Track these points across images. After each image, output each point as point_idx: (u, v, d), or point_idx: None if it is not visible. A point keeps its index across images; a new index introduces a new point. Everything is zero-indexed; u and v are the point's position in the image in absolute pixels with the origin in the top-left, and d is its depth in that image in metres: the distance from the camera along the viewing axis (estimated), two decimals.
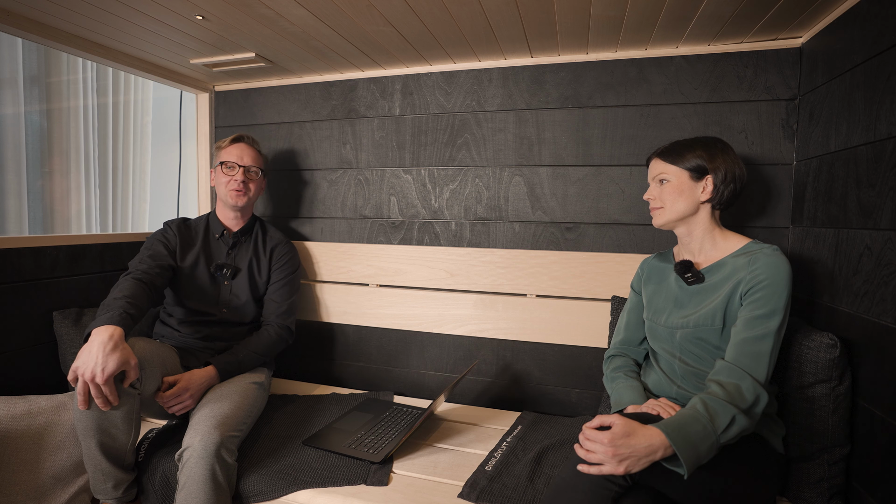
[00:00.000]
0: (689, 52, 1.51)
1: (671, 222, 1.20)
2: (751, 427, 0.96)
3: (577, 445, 0.95)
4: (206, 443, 1.15)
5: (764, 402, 0.98)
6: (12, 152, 2.14)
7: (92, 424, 1.15)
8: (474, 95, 1.73)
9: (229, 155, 1.62)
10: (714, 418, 0.93)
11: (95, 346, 1.09)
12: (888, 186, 1.02)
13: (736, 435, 0.94)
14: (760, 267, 1.06)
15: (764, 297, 1.04)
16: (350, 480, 1.20)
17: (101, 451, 1.18)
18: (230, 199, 1.61)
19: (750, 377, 0.99)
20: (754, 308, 1.04)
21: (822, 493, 1.11)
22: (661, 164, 1.21)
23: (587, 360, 1.65)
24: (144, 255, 1.48)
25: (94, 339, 1.10)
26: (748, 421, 0.95)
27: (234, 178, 1.60)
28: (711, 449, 0.91)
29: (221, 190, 1.62)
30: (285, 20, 1.39)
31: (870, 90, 1.09)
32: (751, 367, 1.01)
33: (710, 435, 0.91)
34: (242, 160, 1.63)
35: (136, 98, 2.56)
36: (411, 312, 1.81)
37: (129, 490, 1.25)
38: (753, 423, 0.96)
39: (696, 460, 0.90)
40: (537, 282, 1.67)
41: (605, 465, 0.89)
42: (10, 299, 1.43)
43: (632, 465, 0.89)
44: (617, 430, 0.90)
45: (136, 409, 1.21)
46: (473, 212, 1.77)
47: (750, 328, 1.04)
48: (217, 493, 1.13)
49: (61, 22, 1.42)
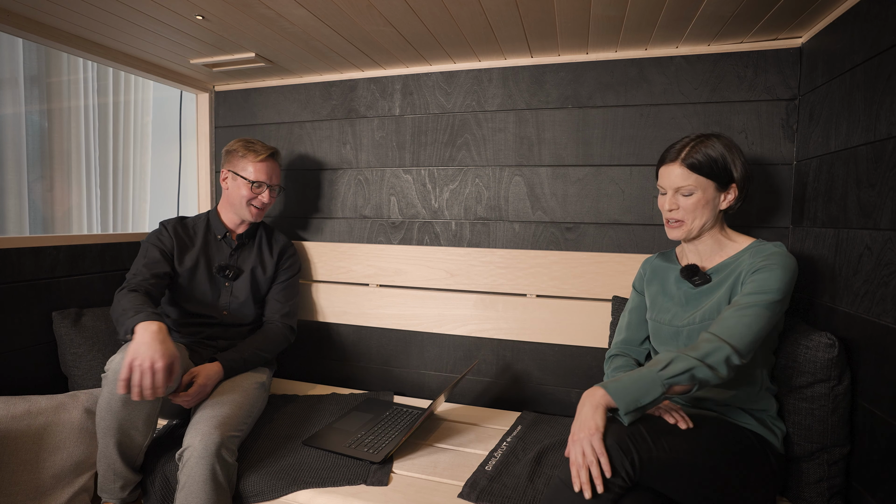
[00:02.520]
0: (689, 52, 1.51)
1: (691, 237, 1.18)
2: (709, 377, 0.95)
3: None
4: (207, 443, 1.15)
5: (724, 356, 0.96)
6: (13, 152, 2.14)
7: (114, 424, 1.17)
8: (474, 95, 1.73)
9: (260, 174, 1.57)
10: (656, 363, 0.97)
11: (148, 335, 1.13)
12: (888, 186, 1.01)
13: (681, 372, 0.94)
14: (763, 256, 1.08)
15: (760, 278, 1.05)
16: (350, 480, 1.20)
17: (118, 451, 1.19)
18: (250, 215, 1.59)
19: (714, 335, 0.99)
20: (749, 287, 1.05)
21: (821, 493, 1.11)
22: (684, 174, 1.11)
23: (587, 360, 1.64)
24: (140, 264, 1.46)
25: (143, 331, 1.13)
26: (704, 368, 0.95)
27: (259, 198, 1.58)
28: (653, 385, 0.94)
29: (239, 201, 1.57)
30: (285, 20, 1.39)
31: (870, 90, 1.09)
32: (721, 329, 1.00)
33: (649, 374, 0.95)
34: (271, 180, 1.60)
35: (137, 98, 2.56)
36: (411, 312, 1.81)
37: (133, 491, 1.26)
38: (715, 374, 0.96)
39: (633, 397, 0.93)
40: (537, 282, 1.67)
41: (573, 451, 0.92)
42: (10, 299, 1.43)
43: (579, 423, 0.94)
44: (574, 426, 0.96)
45: (156, 411, 1.23)
46: (473, 212, 1.77)
47: (737, 302, 1.04)
48: (217, 492, 1.14)
49: (61, 22, 1.42)
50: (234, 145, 1.61)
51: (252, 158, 1.57)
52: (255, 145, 1.60)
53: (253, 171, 1.57)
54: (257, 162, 1.57)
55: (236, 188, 1.58)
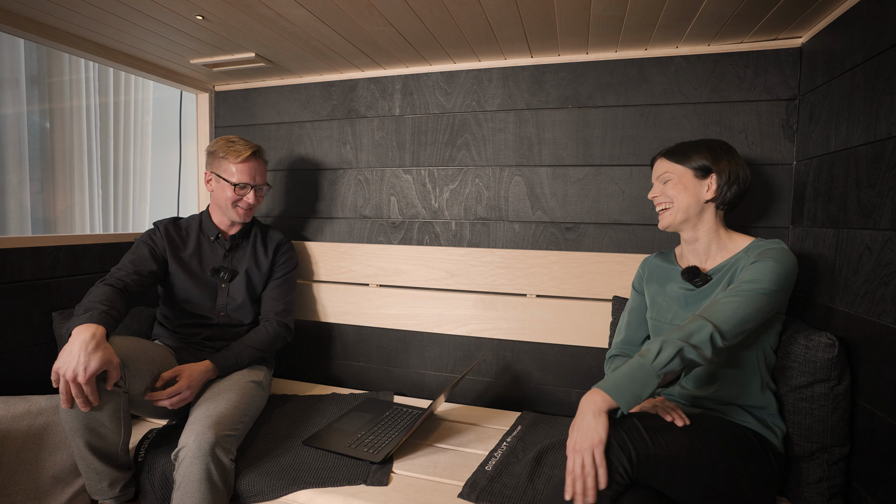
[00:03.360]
0: (689, 52, 1.51)
1: (678, 222, 1.20)
2: (695, 357, 0.95)
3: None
4: (201, 442, 1.14)
5: (707, 335, 0.96)
6: (14, 152, 2.14)
7: (79, 424, 1.14)
8: (474, 95, 1.73)
9: (242, 175, 1.51)
10: (646, 353, 0.96)
11: (77, 345, 1.07)
12: (888, 186, 1.01)
13: (672, 358, 0.93)
14: (760, 250, 1.10)
15: (753, 269, 1.06)
16: (350, 480, 1.20)
17: (91, 451, 1.17)
18: (237, 216, 1.55)
19: (698, 316, 1.00)
20: (741, 277, 1.07)
21: (821, 493, 1.11)
22: (665, 164, 1.22)
23: (587, 360, 1.64)
24: (126, 260, 1.45)
25: (75, 338, 1.08)
26: (690, 349, 0.94)
27: (245, 199, 1.54)
28: (648, 377, 0.93)
29: (225, 203, 1.54)
30: (285, 20, 1.39)
31: (870, 90, 1.09)
32: (706, 311, 1.01)
33: (643, 367, 0.94)
34: (255, 180, 1.54)
35: (137, 98, 2.57)
36: (411, 312, 1.81)
37: (126, 489, 1.24)
38: (700, 354, 0.95)
39: (632, 394, 0.93)
40: (537, 282, 1.67)
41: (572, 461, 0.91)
42: (10, 299, 1.43)
43: (581, 433, 0.92)
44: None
45: (124, 408, 1.20)
46: (473, 212, 1.77)
47: (729, 290, 1.05)
48: (212, 493, 1.13)
49: (61, 22, 1.43)
50: (214, 145, 1.56)
51: (233, 159, 1.51)
52: (235, 144, 1.53)
53: (235, 173, 1.51)
54: (239, 163, 1.51)
55: (220, 190, 1.54)
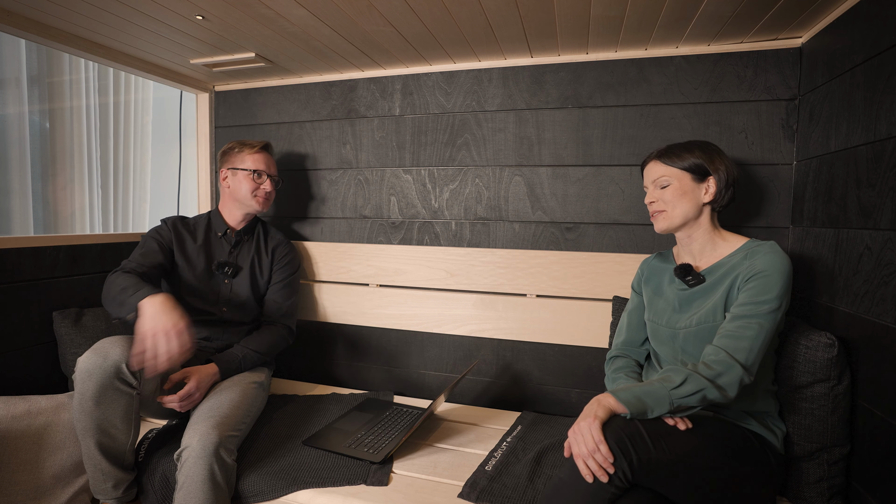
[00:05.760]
0: (689, 52, 1.51)
1: (674, 227, 1.20)
2: (717, 398, 0.97)
3: (566, 444, 0.97)
4: (205, 443, 1.14)
5: (737, 378, 0.98)
6: (15, 152, 2.14)
7: (91, 424, 1.15)
8: (474, 95, 1.73)
9: (258, 163, 1.63)
10: (667, 379, 0.98)
11: (157, 306, 1.15)
12: (888, 186, 1.01)
13: (692, 393, 0.96)
14: (758, 259, 1.08)
15: (758, 286, 1.05)
16: (350, 480, 1.20)
17: (101, 451, 1.18)
18: (257, 205, 1.63)
19: (724, 352, 1.01)
20: (747, 296, 1.06)
21: (821, 493, 1.11)
22: (660, 167, 1.20)
23: (587, 360, 1.64)
24: (136, 253, 1.49)
25: (151, 304, 1.15)
26: (714, 389, 0.97)
27: (262, 187, 1.64)
28: (662, 401, 0.96)
29: (244, 195, 1.61)
30: (285, 20, 1.39)
31: (870, 90, 1.09)
32: (730, 346, 1.02)
33: (661, 390, 0.96)
34: (270, 169, 1.67)
35: (137, 98, 2.57)
36: (411, 312, 1.81)
37: (128, 490, 1.25)
38: (723, 395, 0.98)
39: (641, 408, 0.95)
40: (537, 282, 1.67)
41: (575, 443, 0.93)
42: (10, 299, 1.43)
43: (582, 417, 0.95)
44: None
45: (135, 409, 1.21)
46: (473, 212, 1.77)
47: (738, 313, 1.05)
48: (216, 493, 1.13)
49: (61, 22, 1.43)
50: (227, 146, 1.69)
51: (248, 151, 1.64)
52: (247, 140, 1.69)
53: (251, 162, 1.63)
54: (254, 153, 1.64)
55: (237, 183, 1.62)
